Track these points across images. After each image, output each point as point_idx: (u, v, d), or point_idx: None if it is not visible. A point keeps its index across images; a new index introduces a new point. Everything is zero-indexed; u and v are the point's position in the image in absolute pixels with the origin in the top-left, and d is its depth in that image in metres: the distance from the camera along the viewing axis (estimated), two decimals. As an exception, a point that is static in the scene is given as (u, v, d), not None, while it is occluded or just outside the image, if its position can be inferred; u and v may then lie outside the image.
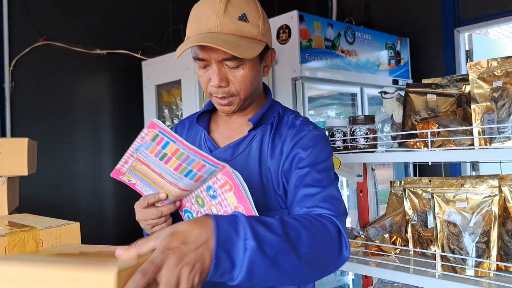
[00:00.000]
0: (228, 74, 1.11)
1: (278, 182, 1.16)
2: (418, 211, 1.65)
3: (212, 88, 1.12)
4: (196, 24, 1.09)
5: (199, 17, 1.09)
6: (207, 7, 1.08)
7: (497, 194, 1.34)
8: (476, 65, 1.45)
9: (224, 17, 1.07)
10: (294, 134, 1.17)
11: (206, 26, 1.07)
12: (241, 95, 1.14)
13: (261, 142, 1.19)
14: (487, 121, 1.40)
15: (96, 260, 0.80)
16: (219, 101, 1.15)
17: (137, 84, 2.97)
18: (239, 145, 1.20)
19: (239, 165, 1.18)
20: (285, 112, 1.25)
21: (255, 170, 1.17)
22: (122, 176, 1.12)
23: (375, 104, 3.45)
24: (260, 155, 1.18)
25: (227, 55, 1.07)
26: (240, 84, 1.12)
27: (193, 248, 0.73)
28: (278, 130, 1.20)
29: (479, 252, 1.36)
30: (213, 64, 1.09)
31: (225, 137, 1.24)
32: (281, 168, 1.15)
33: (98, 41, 2.86)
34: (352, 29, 3.13)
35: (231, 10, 1.08)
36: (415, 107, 1.67)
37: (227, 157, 1.19)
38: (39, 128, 2.63)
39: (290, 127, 1.19)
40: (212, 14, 1.07)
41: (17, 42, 2.54)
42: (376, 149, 1.75)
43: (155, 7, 3.16)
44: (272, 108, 1.24)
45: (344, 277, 3.14)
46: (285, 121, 1.22)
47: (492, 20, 3.46)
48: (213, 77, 1.10)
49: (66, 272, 0.73)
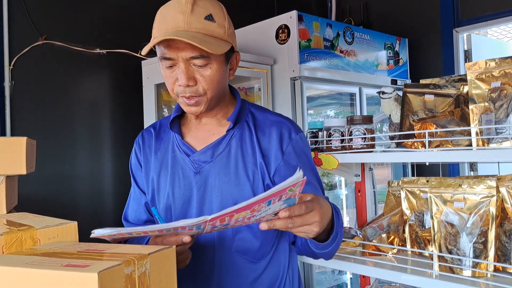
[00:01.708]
0: (196, 73, 1.12)
1: (266, 176, 1.20)
2: (415, 211, 1.65)
3: (179, 88, 1.13)
4: (162, 23, 1.10)
5: (165, 17, 1.11)
6: (173, 8, 1.10)
7: (495, 195, 1.35)
8: (474, 66, 1.46)
9: (191, 16, 1.08)
10: (280, 133, 1.22)
11: (173, 25, 1.08)
12: (208, 95, 1.15)
13: (241, 140, 1.22)
14: (485, 121, 1.41)
15: (82, 260, 0.81)
16: (186, 101, 1.15)
17: (136, 84, 2.97)
18: (218, 146, 1.22)
19: (221, 164, 1.20)
20: (255, 109, 1.30)
21: (240, 167, 1.20)
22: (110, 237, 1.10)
23: (374, 104, 3.46)
24: (242, 153, 1.21)
25: (195, 53, 1.08)
26: (208, 83, 1.13)
27: (325, 215, 0.99)
28: (258, 126, 1.24)
29: (477, 252, 1.36)
30: (180, 63, 1.10)
31: (200, 139, 1.25)
32: (274, 167, 1.20)
33: (98, 41, 2.86)
34: (351, 29, 3.13)
35: (197, 10, 1.09)
36: (413, 107, 1.68)
37: (207, 158, 1.21)
38: (38, 127, 2.63)
39: (272, 124, 1.24)
40: (178, 14, 1.08)
41: (17, 41, 2.54)
42: (374, 149, 1.76)
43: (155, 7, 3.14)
44: (243, 106, 1.27)
45: (342, 276, 3.15)
46: (260, 117, 1.27)
47: (491, 21, 3.46)
48: (180, 76, 1.10)
49: (50, 272, 0.75)
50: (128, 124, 3.00)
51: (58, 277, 0.76)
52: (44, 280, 0.77)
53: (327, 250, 1.11)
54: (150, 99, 2.89)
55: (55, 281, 0.76)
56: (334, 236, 1.08)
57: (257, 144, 1.21)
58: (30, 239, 1.10)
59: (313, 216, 0.94)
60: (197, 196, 1.21)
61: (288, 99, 2.73)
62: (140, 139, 1.35)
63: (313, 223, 0.95)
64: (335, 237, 1.09)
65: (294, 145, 1.22)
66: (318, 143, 1.89)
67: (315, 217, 0.95)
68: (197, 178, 1.21)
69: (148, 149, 1.32)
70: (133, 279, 0.83)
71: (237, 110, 1.23)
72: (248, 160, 1.20)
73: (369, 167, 2.08)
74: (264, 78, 2.76)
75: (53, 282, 0.76)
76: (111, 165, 2.95)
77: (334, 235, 1.08)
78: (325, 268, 2.97)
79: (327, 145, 1.83)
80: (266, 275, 1.23)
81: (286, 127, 1.23)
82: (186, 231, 0.97)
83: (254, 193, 1.18)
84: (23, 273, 0.79)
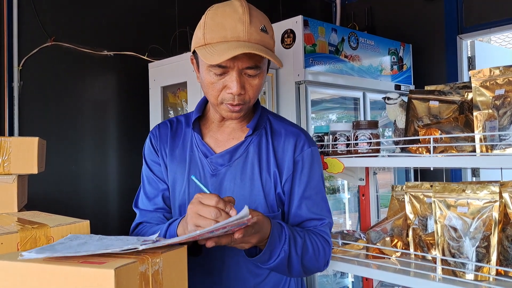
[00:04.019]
0: (246, 82, 1.14)
1: (278, 185, 1.23)
2: (419, 215, 1.67)
3: (228, 95, 1.14)
4: (219, 31, 1.10)
5: (222, 25, 1.10)
6: (231, 17, 1.10)
7: (498, 200, 1.36)
8: (478, 73, 1.48)
9: (250, 27, 1.10)
10: (295, 144, 1.26)
11: (233, 35, 1.09)
12: (250, 103, 1.19)
13: (258, 147, 1.25)
14: (488, 128, 1.43)
15: (98, 257, 0.83)
16: (231, 107, 1.16)
17: (143, 85, 3.00)
18: (236, 151, 1.24)
19: (237, 169, 1.23)
20: (273, 118, 1.33)
21: (255, 173, 1.23)
22: None
23: (377, 109, 3.48)
24: (259, 159, 1.24)
25: (251, 63, 1.11)
26: (254, 92, 1.17)
27: (261, 233, 1.07)
28: (275, 135, 1.28)
29: (479, 256, 1.38)
30: (233, 72, 1.11)
31: (219, 142, 1.28)
32: (285, 177, 1.24)
33: (106, 42, 2.89)
34: (356, 34, 3.16)
35: (254, 21, 1.11)
36: (417, 113, 1.70)
37: (225, 162, 1.24)
38: (46, 126, 2.66)
39: (287, 134, 1.27)
40: (238, 23, 1.09)
41: (26, 42, 2.57)
42: (379, 153, 1.78)
43: (162, 10, 3.19)
44: (262, 114, 1.30)
45: (344, 279, 3.17)
46: (277, 126, 1.30)
47: (495, 28, 3.48)
48: (233, 85, 1.12)
49: (67, 268, 0.77)
50: (134, 125, 3.03)
51: (76, 273, 0.77)
52: (61, 276, 0.78)
53: (268, 265, 1.15)
54: (156, 101, 2.92)
55: (72, 277, 0.77)
56: (271, 253, 1.12)
57: (272, 152, 1.25)
58: (44, 237, 1.13)
59: (251, 238, 1.05)
60: None
61: (292, 103, 2.75)
62: (156, 130, 1.35)
63: (248, 243, 1.06)
64: (273, 254, 1.13)
65: (304, 157, 1.26)
66: (324, 147, 1.91)
67: (253, 240, 1.05)
68: (213, 180, 1.24)
69: (164, 139, 1.32)
70: (147, 276, 0.85)
71: (257, 118, 1.26)
72: (263, 168, 1.23)
73: (373, 171, 2.11)
74: (269, 81, 2.78)
75: (71, 278, 0.77)
76: (117, 165, 2.98)
77: (269, 253, 1.12)
78: (327, 271, 2.99)
79: (332, 149, 1.85)
80: (270, 278, 1.26)
81: (301, 139, 1.27)
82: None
83: (266, 200, 1.22)
84: (41, 269, 0.80)
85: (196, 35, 1.16)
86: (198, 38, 1.14)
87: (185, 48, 2.94)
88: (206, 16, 1.14)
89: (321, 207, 1.28)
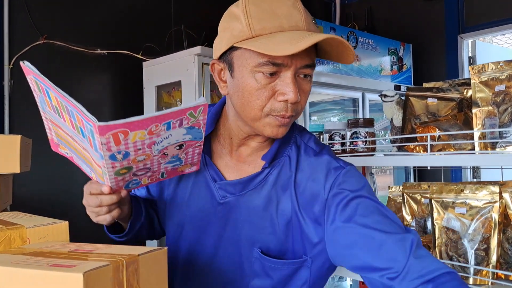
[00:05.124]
0: (298, 87, 0.90)
1: (306, 226, 0.98)
2: (416, 216, 1.62)
3: (279, 105, 0.90)
4: (273, 20, 0.88)
5: (273, 12, 0.88)
6: (282, 2, 0.90)
7: (498, 201, 1.32)
8: (478, 69, 1.43)
9: (307, 15, 0.91)
10: (326, 175, 0.98)
11: (290, 24, 0.88)
12: (299, 115, 0.96)
13: (278, 178, 1.00)
14: (488, 125, 1.38)
15: (70, 260, 0.79)
16: (281, 120, 0.92)
17: (137, 85, 2.95)
18: (250, 182, 1.01)
19: (249, 200, 1.01)
20: (302, 138, 1.05)
21: (270, 210, 0.99)
22: (60, 148, 1.00)
23: (377, 110, 3.44)
24: (277, 194, 1.00)
25: (309, 60, 0.90)
26: (305, 99, 0.94)
27: None
28: (300, 165, 1.01)
29: (478, 259, 1.33)
30: (288, 72, 0.89)
31: (232, 166, 1.05)
32: (314, 216, 0.97)
33: (99, 41, 2.84)
34: (355, 33, 3.12)
35: (306, 10, 0.92)
36: (415, 111, 1.65)
37: (236, 191, 1.02)
38: (37, 126, 2.60)
39: (318, 164, 1.00)
40: (293, 10, 0.89)
41: (17, 40, 2.53)
42: (375, 152, 1.73)
43: (157, 8, 3.15)
44: (287, 135, 1.01)
45: (342, 282, 3.12)
46: (306, 152, 1.02)
47: (496, 27, 3.44)
48: (289, 89, 0.88)
49: (35, 272, 0.74)
50: (128, 125, 2.99)
51: (43, 277, 0.74)
52: (29, 280, 0.75)
53: None
54: (150, 101, 2.88)
55: (40, 281, 0.74)
56: None
57: (294, 189, 0.99)
58: (19, 238, 1.08)
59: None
60: (215, 226, 1.04)
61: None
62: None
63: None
64: None
65: (341, 187, 0.96)
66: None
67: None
68: (219, 208, 1.03)
69: None
70: (121, 280, 0.81)
71: (275, 147, 1.01)
72: (280, 206, 0.99)
73: (370, 171, 2.06)
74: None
75: (38, 282, 0.74)
76: (110, 166, 2.94)
77: None
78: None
79: (327, 149, 1.80)
80: None
81: (332, 173, 0.98)
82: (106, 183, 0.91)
83: (282, 246, 0.99)
84: (8, 272, 0.77)
85: (233, 28, 0.91)
86: (238, 30, 0.90)
87: (180, 46, 2.90)
88: (245, 2, 0.91)
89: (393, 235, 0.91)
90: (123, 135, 0.78)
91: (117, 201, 0.96)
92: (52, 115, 0.86)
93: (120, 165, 0.85)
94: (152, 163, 0.89)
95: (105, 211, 0.98)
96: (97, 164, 0.86)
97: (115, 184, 0.92)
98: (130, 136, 0.78)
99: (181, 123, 0.80)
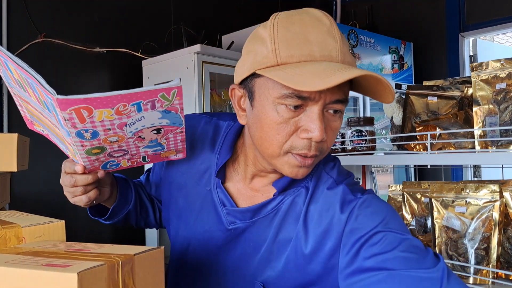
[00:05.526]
0: (326, 124, 0.80)
1: (315, 265, 0.88)
2: (416, 215, 1.61)
3: (302, 142, 0.80)
4: (303, 47, 0.77)
5: (305, 38, 0.78)
6: (316, 28, 0.79)
7: (498, 200, 1.31)
8: (479, 67, 1.42)
9: (343, 44, 0.79)
10: (341, 207, 0.87)
11: (323, 53, 0.77)
12: (324, 155, 0.86)
13: (290, 208, 0.91)
14: (489, 124, 1.37)
15: (65, 259, 0.78)
16: (301, 160, 0.82)
17: (137, 83, 2.94)
18: (261, 209, 0.93)
19: (259, 228, 0.93)
20: (325, 167, 0.95)
21: (279, 241, 0.91)
22: (35, 126, 0.94)
23: (377, 109, 3.43)
24: (286, 225, 0.91)
25: (341, 95, 0.79)
26: (332, 138, 0.83)
27: None
28: (314, 196, 0.91)
29: (478, 259, 1.32)
30: (314, 107, 0.78)
31: (243, 192, 0.97)
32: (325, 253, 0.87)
33: (98, 39, 2.84)
34: (356, 32, 3.10)
35: (343, 38, 0.81)
36: (415, 109, 1.64)
37: (245, 218, 0.94)
38: (36, 125, 2.61)
39: (333, 195, 0.89)
40: (328, 37, 0.78)
41: (16, 38, 2.52)
42: (375, 151, 1.72)
43: (157, 6, 3.14)
44: None
45: None
46: (325, 183, 0.92)
47: (497, 26, 3.43)
48: (313, 126, 0.77)
49: (28, 271, 0.72)
50: (127, 124, 2.98)
51: (37, 277, 0.73)
52: (23, 279, 0.74)
53: None
54: (150, 99, 2.87)
55: (34, 281, 0.73)
56: None
57: (303, 222, 0.89)
58: (15, 237, 1.07)
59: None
60: (221, 253, 0.98)
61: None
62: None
63: None
64: None
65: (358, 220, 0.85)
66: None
67: None
68: (227, 234, 0.96)
69: None
70: (116, 280, 0.80)
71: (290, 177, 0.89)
72: (287, 238, 0.90)
73: (370, 170, 2.05)
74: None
75: (32, 282, 0.73)
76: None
77: None
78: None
79: (327, 147, 1.79)
80: None
81: (346, 205, 0.88)
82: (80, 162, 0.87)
83: (283, 282, 0.91)
84: (2, 272, 0.76)
85: (257, 52, 0.81)
86: (262, 55, 0.80)
87: (180, 45, 2.88)
88: (273, 24, 0.81)
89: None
90: (87, 112, 0.73)
91: (93, 181, 0.92)
92: (18, 90, 0.80)
93: (90, 144, 0.81)
94: (128, 145, 0.85)
95: (80, 191, 0.94)
96: (67, 141, 0.82)
97: (89, 164, 0.88)
98: (96, 114, 0.74)
99: (153, 106, 0.75)
